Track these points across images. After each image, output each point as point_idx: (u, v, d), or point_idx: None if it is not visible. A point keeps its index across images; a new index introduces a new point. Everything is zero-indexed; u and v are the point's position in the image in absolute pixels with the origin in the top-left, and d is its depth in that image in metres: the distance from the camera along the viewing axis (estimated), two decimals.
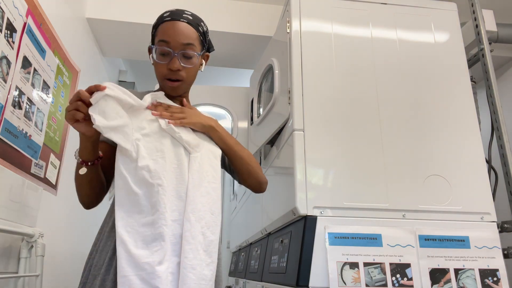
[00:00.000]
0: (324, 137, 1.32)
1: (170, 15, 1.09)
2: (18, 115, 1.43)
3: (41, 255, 1.47)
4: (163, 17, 1.09)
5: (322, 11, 1.49)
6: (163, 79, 1.08)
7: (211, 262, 1.00)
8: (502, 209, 1.53)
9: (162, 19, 1.09)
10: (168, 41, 1.05)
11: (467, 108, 1.44)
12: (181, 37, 1.05)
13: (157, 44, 1.06)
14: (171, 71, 1.06)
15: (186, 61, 1.07)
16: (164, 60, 1.06)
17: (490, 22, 1.80)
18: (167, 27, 1.06)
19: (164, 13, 1.11)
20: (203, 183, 1.03)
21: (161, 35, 1.06)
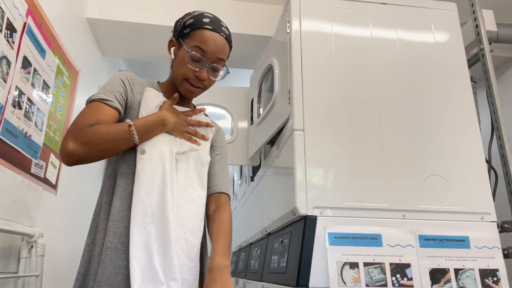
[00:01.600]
0: (324, 137, 1.32)
1: (211, 24, 1.10)
2: (18, 115, 1.43)
3: (41, 255, 1.47)
4: (203, 22, 1.09)
5: (322, 11, 1.49)
6: (183, 79, 1.10)
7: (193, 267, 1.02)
8: (502, 209, 1.53)
9: (202, 25, 1.09)
10: (205, 51, 1.07)
11: (467, 108, 1.44)
12: (218, 51, 1.09)
13: (192, 49, 1.07)
14: (197, 78, 1.08)
15: (213, 73, 1.12)
16: (194, 66, 1.07)
17: (490, 22, 1.80)
18: (207, 36, 1.08)
19: (203, 18, 1.11)
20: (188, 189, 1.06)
21: (200, 42, 1.07)
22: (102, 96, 1.02)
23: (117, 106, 1.03)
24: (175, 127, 1.08)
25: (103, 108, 1.01)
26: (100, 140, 0.96)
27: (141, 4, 2.28)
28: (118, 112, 1.04)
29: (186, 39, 1.09)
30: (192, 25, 1.09)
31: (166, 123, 1.06)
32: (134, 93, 1.09)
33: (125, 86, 1.08)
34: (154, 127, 1.04)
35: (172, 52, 1.13)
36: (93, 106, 1.01)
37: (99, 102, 1.02)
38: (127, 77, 1.11)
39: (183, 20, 1.13)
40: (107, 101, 1.02)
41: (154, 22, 2.26)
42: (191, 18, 1.11)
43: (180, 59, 1.09)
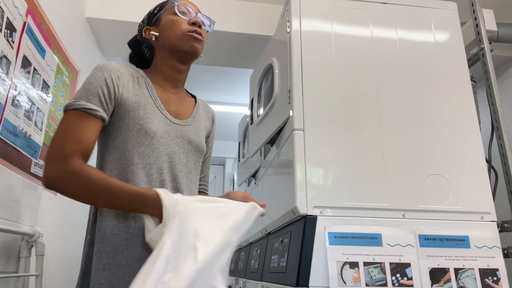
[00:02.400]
0: (324, 137, 1.32)
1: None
2: (18, 114, 1.43)
3: (41, 255, 1.47)
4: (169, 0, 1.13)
5: (322, 11, 1.49)
6: (182, 34, 1.07)
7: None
8: (502, 208, 1.53)
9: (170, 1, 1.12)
10: (186, 5, 1.10)
11: (467, 107, 1.44)
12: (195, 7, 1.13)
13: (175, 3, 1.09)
14: (195, 25, 1.08)
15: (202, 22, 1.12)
16: (186, 17, 1.09)
17: (490, 22, 1.80)
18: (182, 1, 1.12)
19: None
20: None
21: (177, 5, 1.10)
22: (85, 104, 0.93)
23: (103, 115, 0.95)
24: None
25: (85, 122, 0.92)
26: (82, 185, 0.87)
27: (141, 4, 2.27)
28: (103, 121, 0.96)
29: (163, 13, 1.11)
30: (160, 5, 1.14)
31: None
32: (120, 88, 1.00)
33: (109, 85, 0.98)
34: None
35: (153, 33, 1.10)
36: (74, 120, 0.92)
37: (82, 112, 0.92)
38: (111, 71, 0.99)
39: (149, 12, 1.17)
40: (91, 110, 0.93)
41: None
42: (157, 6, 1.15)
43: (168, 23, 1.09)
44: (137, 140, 0.99)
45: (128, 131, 0.99)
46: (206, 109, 1.24)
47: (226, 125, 4.26)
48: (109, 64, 1.01)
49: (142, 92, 1.04)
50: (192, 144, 1.09)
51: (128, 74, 1.05)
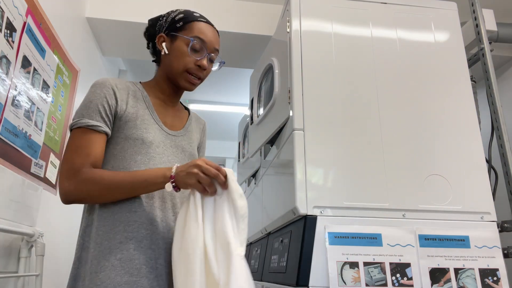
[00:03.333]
0: (324, 136, 1.32)
1: (203, 18, 1.13)
2: (18, 114, 1.43)
3: (41, 255, 1.47)
4: (195, 15, 1.13)
5: (322, 11, 1.49)
6: (184, 71, 1.09)
7: None
8: (502, 208, 1.53)
9: (195, 18, 1.12)
10: (205, 41, 1.09)
11: (467, 107, 1.44)
12: (215, 42, 1.12)
13: (194, 39, 1.08)
14: (199, 68, 1.10)
15: (210, 64, 1.14)
16: (195, 55, 1.09)
17: (490, 22, 1.80)
18: (205, 27, 1.11)
19: (193, 12, 1.14)
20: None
21: (199, 32, 1.09)
22: (88, 121, 0.99)
23: (105, 130, 1.01)
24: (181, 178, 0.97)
25: (91, 138, 0.99)
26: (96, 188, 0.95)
27: (141, 4, 2.27)
28: (107, 135, 1.02)
29: (181, 32, 1.10)
30: (185, 18, 1.11)
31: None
32: (118, 102, 1.05)
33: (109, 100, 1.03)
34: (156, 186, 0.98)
35: (164, 47, 1.11)
36: (80, 137, 0.99)
37: (86, 130, 0.99)
38: (110, 85, 1.05)
39: (169, 16, 1.14)
40: (94, 127, 0.99)
41: None
42: (180, 13, 1.13)
43: (178, 50, 1.09)
44: (134, 149, 1.03)
45: (126, 141, 1.03)
46: (198, 120, 1.30)
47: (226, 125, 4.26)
48: (106, 80, 1.06)
49: (139, 104, 1.09)
50: (185, 154, 1.14)
51: (125, 88, 1.09)
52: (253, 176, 2.08)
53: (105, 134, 1.02)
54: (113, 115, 1.04)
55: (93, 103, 1.01)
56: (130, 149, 1.03)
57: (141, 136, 1.04)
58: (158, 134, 1.08)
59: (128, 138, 1.03)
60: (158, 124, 1.10)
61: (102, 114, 1.01)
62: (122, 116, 1.04)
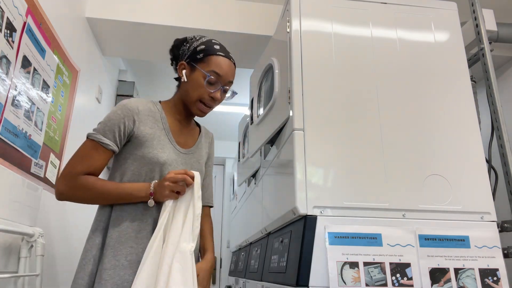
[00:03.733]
0: (324, 137, 1.32)
1: (222, 51, 1.25)
2: (18, 114, 1.43)
3: (41, 255, 1.47)
4: (215, 48, 1.24)
5: (322, 11, 1.49)
6: (197, 100, 1.23)
7: None
8: (502, 208, 1.53)
9: (215, 51, 1.23)
10: (220, 75, 1.22)
11: (467, 107, 1.44)
12: (230, 76, 1.25)
13: (210, 73, 1.20)
14: (212, 99, 1.23)
15: (223, 95, 1.27)
16: (210, 88, 1.22)
17: (490, 22, 1.80)
18: (222, 62, 1.23)
19: (213, 44, 1.25)
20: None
21: (215, 67, 1.21)
22: (101, 138, 1.15)
23: (113, 148, 1.16)
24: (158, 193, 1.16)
25: (98, 152, 1.15)
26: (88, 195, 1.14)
27: (141, 4, 2.28)
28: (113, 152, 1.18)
29: (200, 64, 1.22)
30: (205, 51, 1.23)
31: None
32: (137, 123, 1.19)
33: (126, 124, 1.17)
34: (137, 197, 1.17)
35: (184, 75, 1.24)
36: (89, 147, 1.15)
37: (97, 144, 1.15)
38: (129, 109, 1.18)
39: (192, 45, 1.25)
40: (105, 144, 1.14)
41: (154, 22, 2.26)
42: (202, 44, 1.24)
43: (195, 81, 1.21)
44: (150, 167, 1.18)
45: (143, 159, 1.18)
46: (207, 135, 1.43)
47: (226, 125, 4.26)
48: (129, 103, 1.20)
49: (157, 125, 1.23)
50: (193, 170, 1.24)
51: (146, 109, 1.23)
52: (253, 176, 2.08)
53: (112, 151, 1.17)
54: (129, 135, 1.18)
55: (111, 122, 1.16)
56: (146, 167, 1.18)
57: (157, 155, 1.18)
58: (172, 154, 1.22)
59: (145, 156, 1.18)
60: (172, 144, 1.24)
61: (115, 134, 1.16)
62: (139, 136, 1.18)
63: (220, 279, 4.28)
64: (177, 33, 2.32)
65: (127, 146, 1.20)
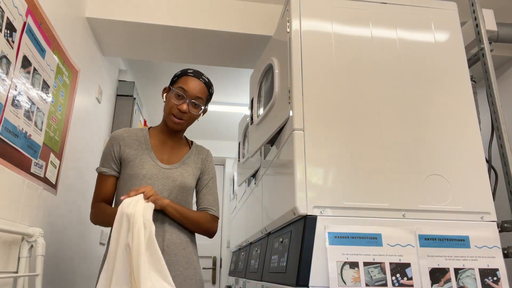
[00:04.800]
0: (324, 136, 1.32)
1: (194, 72, 1.45)
2: (18, 114, 1.43)
3: (41, 255, 1.47)
4: (187, 71, 1.45)
5: (322, 11, 1.49)
6: (169, 113, 1.41)
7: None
8: (502, 208, 1.53)
9: (186, 73, 1.45)
10: (186, 90, 1.40)
11: (467, 107, 1.44)
12: (196, 91, 1.42)
13: (177, 89, 1.41)
14: (179, 111, 1.40)
15: (193, 108, 1.43)
16: (177, 102, 1.41)
17: (490, 22, 1.80)
18: (189, 79, 1.43)
19: (188, 69, 1.47)
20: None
21: (183, 83, 1.42)
22: (100, 169, 1.42)
23: (113, 173, 1.41)
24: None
25: (104, 180, 1.41)
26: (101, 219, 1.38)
27: (141, 4, 2.28)
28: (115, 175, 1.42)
29: (174, 84, 1.44)
30: (179, 74, 1.46)
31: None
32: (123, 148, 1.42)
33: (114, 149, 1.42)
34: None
35: (164, 97, 1.48)
36: (97, 180, 1.42)
37: (100, 175, 1.42)
38: (115, 138, 1.43)
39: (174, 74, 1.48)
40: (104, 172, 1.41)
41: (154, 22, 2.26)
42: (180, 71, 1.46)
43: (168, 98, 1.44)
44: (133, 182, 1.38)
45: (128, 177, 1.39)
46: (200, 152, 1.55)
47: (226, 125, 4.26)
48: (117, 133, 1.46)
49: (141, 147, 1.44)
50: (175, 183, 1.41)
51: (131, 135, 1.46)
52: (253, 176, 2.08)
53: (113, 176, 1.41)
54: (119, 158, 1.42)
55: (105, 153, 1.43)
56: (130, 183, 1.38)
57: (137, 172, 1.37)
58: (152, 169, 1.39)
59: (129, 174, 1.38)
60: (153, 161, 1.41)
61: (109, 161, 1.42)
62: (126, 158, 1.41)
63: (220, 279, 4.28)
64: (177, 33, 2.32)
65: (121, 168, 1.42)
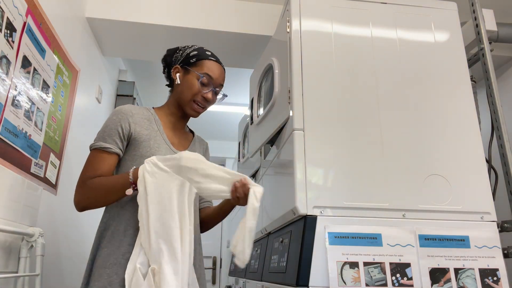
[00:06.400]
0: (324, 137, 1.32)
1: (213, 56, 1.32)
2: (18, 114, 1.43)
3: (41, 255, 1.47)
4: (207, 54, 1.31)
5: (322, 11, 1.49)
6: (191, 100, 1.28)
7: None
8: (502, 208, 1.53)
9: (206, 56, 1.31)
10: (212, 78, 1.28)
11: (467, 107, 1.44)
12: (221, 79, 1.32)
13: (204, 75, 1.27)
14: (205, 100, 1.29)
15: (214, 96, 1.33)
16: (203, 89, 1.28)
17: (490, 22, 1.80)
18: (214, 66, 1.30)
19: (206, 51, 1.32)
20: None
21: (208, 69, 1.28)
22: (101, 144, 1.18)
23: (116, 151, 1.19)
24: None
25: (102, 157, 1.17)
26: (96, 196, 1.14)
27: (141, 4, 2.27)
28: (118, 155, 1.20)
29: (194, 67, 1.28)
30: (198, 55, 1.30)
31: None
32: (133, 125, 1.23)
33: (123, 126, 1.21)
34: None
35: (177, 77, 1.30)
36: (94, 156, 1.18)
37: (100, 150, 1.18)
38: (125, 112, 1.23)
39: (185, 51, 1.32)
40: (107, 148, 1.18)
41: (154, 22, 2.26)
42: (194, 50, 1.31)
43: (189, 82, 1.28)
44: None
45: (141, 158, 1.19)
46: (201, 142, 1.47)
47: (226, 125, 4.27)
48: (123, 108, 1.25)
49: (152, 127, 1.27)
50: None
51: (140, 113, 1.27)
52: (253, 176, 2.08)
53: (116, 154, 1.19)
54: (128, 137, 1.22)
55: (108, 128, 1.21)
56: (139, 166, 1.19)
57: (154, 153, 1.20)
58: (167, 152, 1.25)
59: (143, 156, 1.20)
60: (167, 144, 1.27)
61: (115, 137, 1.19)
62: (137, 137, 1.22)
63: (220, 279, 4.28)
64: (177, 33, 2.32)
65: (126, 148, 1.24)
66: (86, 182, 1.14)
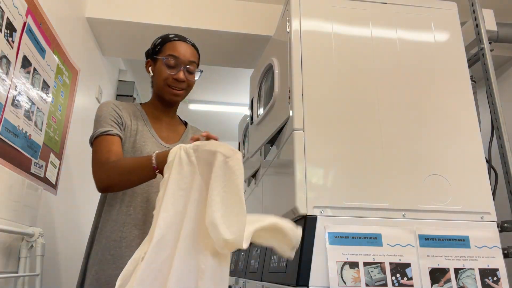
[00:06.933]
0: (324, 136, 1.32)
1: (176, 36, 1.30)
2: (18, 114, 1.43)
3: (41, 255, 1.47)
4: (169, 36, 1.29)
5: (322, 11, 1.49)
6: (165, 85, 1.25)
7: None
8: (502, 208, 1.53)
9: (169, 39, 1.28)
10: (177, 56, 1.24)
11: (467, 107, 1.44)
12: (188, 55, 1.26)
13: (166, 57, 1.24)
14: (177, 81, 1.25)
15: (189, 75, 1.27)
16: (171, 71, 1.24)
17: (490, 22, 1.80)
18: (177, 44, 1.27)
19: (169, 34, 1.31)
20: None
21: (171, 50, 1.25)
22: (101, 130, 1.16)
23: (117, 133, 1.18)
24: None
25: (107, 139, 1.16)
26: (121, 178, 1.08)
27: (141, 4, 2.28)
28: (120, 137, 1.19)
29: (159, 54, 1.27)
30: (161, 41, 1.29)
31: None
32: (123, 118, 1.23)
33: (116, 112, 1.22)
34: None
35: (150, 70, 1.30)
36: (99, 143, 1.16)
37: (102, 136, 1.16)
38: (114, 104, 1.25)
39: (153, 43, 1.32)
40: (107, 131, 1.16)
41: (154, 22, 2.26)
42: (159, 39, 1.31)
43: (158, 70, 1.26)
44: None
45: (127, 153, 1.20)
46: (196, 132, 1.42)
47: (226, 125, 4.27)
48: (110, 101, 1.27)
49: (138, 122, 1.27)
50: None
51: (126, 108, 1.27)
52: (253, 176, 2.08)
53: (118, 136, 1.18)
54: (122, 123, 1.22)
55: (102, 117, 1.20)
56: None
57: (140, 149, 1.21)
58: (155, 147, 1.24)
59: (129, 151, 1.21)
60: (154, 138, 1.27)
61: (112, 122, 1.19)
62: (126, 130, 1.22)
63: None
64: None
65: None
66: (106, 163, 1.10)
